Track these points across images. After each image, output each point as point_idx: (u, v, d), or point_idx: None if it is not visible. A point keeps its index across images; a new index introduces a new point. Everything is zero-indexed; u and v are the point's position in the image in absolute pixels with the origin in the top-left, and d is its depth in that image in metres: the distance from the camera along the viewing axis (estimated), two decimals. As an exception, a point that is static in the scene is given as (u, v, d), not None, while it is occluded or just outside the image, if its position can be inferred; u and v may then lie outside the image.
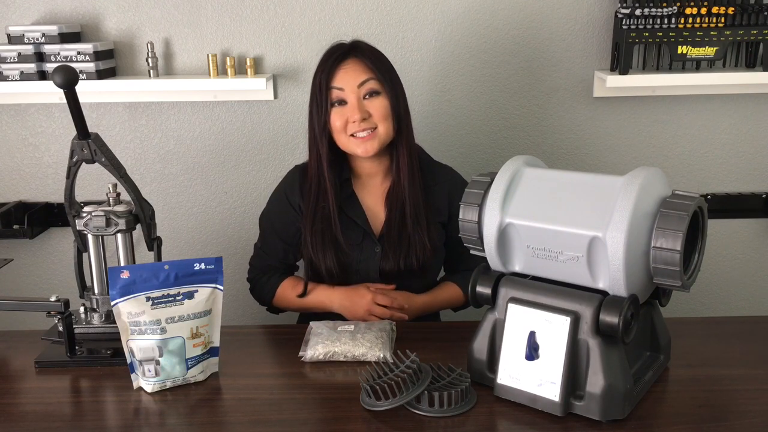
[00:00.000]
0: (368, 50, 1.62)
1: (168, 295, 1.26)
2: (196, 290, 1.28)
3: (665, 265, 1.09)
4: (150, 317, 1.24)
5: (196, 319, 1.28)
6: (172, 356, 1.26)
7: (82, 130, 1.34)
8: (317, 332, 1.39)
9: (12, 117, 2.15)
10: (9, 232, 2.12)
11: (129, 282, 1.24)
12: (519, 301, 1.18)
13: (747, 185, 2.20)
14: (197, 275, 1.28)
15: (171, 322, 1.25)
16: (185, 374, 1.28)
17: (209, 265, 1.29)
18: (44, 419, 1.18)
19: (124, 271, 1.24)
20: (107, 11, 2.07)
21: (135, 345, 1.25)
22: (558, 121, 2.15)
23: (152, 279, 1.25)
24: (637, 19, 1.94)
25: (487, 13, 2.06)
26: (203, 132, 2.15)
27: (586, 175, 1.20)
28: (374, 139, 1.58)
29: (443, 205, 1.65)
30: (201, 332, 1.28)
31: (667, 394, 1.22)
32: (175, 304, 1.26)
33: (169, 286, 1.26)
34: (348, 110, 1.57)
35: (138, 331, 1.25)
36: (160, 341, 1.25)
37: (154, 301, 1.25)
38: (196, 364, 1.29)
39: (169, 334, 1.25)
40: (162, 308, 1.25)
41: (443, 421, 1.14)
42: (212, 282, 1.29)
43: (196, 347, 1.28)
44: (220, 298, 1.31)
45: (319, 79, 1.60)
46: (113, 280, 1.23)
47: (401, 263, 1.60)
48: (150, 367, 1.25)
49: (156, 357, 1.25)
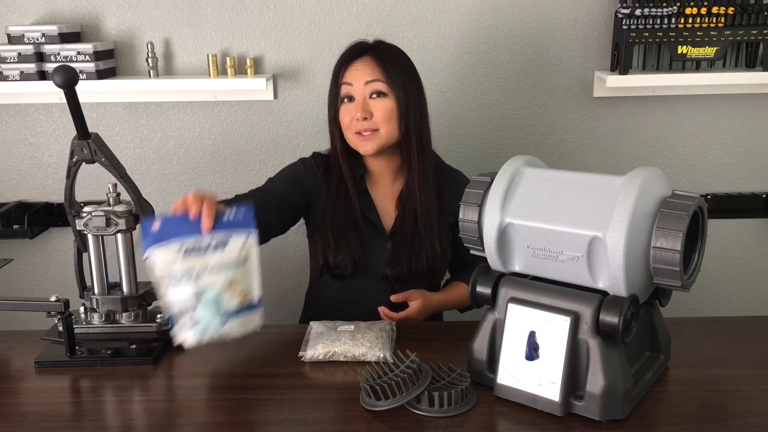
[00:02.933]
0: (385, 51, 1.62)
1: (200, 244, 1.21)
2: (229, 239, 1.23)
3: (665, 265, 1.09)
4: (184, 267, 1.20)
5: (232, 269, 1.23)
6: (208, 308, 1.22)
7: (82, 130, 1.34)
8: (317, 332, 1.39)
9: (12, 117, 2.15)
10: (9, 232, 2.12)
11: (161, 233, 1.20)
12: (519, 301, 1.18)
13: (747, 185, 2.20)
14: (227, 224, 1.24)
15: (205, 271, 1.21)
16: (223, 327, 1.24)
17: (240, 214, 1.25)
18: (44, 419, 1.18)
19: (155, 222, 1.20)
20: (107, 11, 2.07)
21: (171, 298, 1.22)
22: (558, 121, 2.15)
23: (184, 228, 1.21)
24: (637, 19, 1.94)
25: (487, 13, 2.06)
26: (203, 132, 2.15)
27: (586, 175, 1.20)
28: (374, 139, 1.58)
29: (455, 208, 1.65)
30: (236, 283, 1.24)
31: (667, 394, 1.22)
32: (208, 254, 1.22)
33: (199, 235, 1.22)
34: (353, 107, 1.58)
35: (173, 283, 1.21)
36: (195, 292, 1.21)
37: (188, 250, 1.21)
38: (235, 317, 1.25)
39: (204, 284, 1.21)
40: (195, 258, 1.21)
41: (443, 421, 1.14)
42: (243, 230, 1.25)
43: (232, 299, 1.24)
44: (255, 247, 1.26)
45: (334, 72, 1.63)
46: (145, 231, 1.20)
47: (412, 265, 1.60)
48: (187, 319, 1.22)
49: (192, 308, 1.21)
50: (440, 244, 1.62)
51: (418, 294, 1.58)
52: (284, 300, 2.28)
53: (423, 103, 1.64)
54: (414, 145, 1.61)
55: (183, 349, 1.40)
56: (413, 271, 1.60)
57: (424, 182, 1.62)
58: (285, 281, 2.28)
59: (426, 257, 1.60)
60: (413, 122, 1.61)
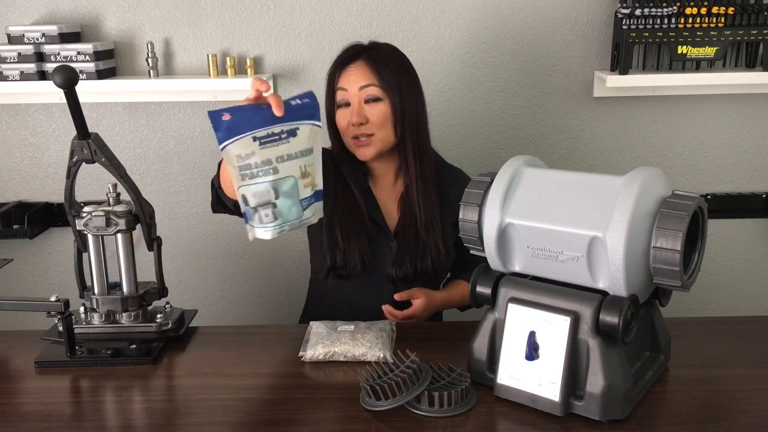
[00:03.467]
0: (380, 53, 1.60)
1: (273, 133, 1.18)
2: (298, 127, 1.21)
3: (665, 265, 1.09)
4: (260, 158, 1.17)
5: (303, 157, 1.21)
6: (287, 198, 1.19)
7: (82, 130, 1.34)
8: (317, 332, 1.39)
9: (12, 117, 2.15)
10: (9, 232, 2.12)
11: (232, 123, 1.16)
12: (519, 301, 1.18)
13: (747, 185, 2.20)
14: (295, 111, 1.21)
15: (281, 161, 1.18)
16: (301, 216, 1.22)
17: (304, 99, 1.22)
18: (44, 419, 1.18)
19: (225, 114, 1.16)
20: (107, 11, 2.07)
21: (248, 191, 1.19)
22: (558, 121, 2.15)
23: (255, 118, 1.17)
24: (637, 19, 1.94)
25: (487, 13, 2.06)
26: (203, 132, 2.15)
27: (586, 175, 1.20)
28: (370, 145, 1.58)
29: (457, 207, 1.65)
30: (308, 171, 1.22)
31: (667, 394, 1.22)
32: (281, 143, 1.19)
33: (270, 124, 1.18)
34: (349, 112, 1.58)
35: (249, 175, 1.18)
36: (273, 182, 1.18)
37: (262, 140, 1.17)
38: (309, 206, 1.23)
39: (281, 174, 1.18)
40: (270, 147, 1.18)
41: (443, 421, 1.14)
42: (310, 118, 1.22)
43: (306, 187, 1.22)
44: (319, 136, 1.24)
45: (329, 77, 1.63)
46: (217, 122, 1.15)
47: (417, 266, 1.59)
48: (267, 212, 1.19)
49: (272, 200, 1.19)
50: (444, 245, 1.61)
51: (421, 292, 1.58)
52: (284, 300, 2.29)
53: (420, 102, 1.63)
54: (411, 147, 1.61)
55: (183, 349, 1.41)
56: (418, 271, 1.60)
57: (423, 184, 1.62)
58: (285, 281, 2.28)
59: (431, 258, 1.60)
60: (409, 124, 1.59)
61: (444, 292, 1.67)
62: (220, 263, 2.26)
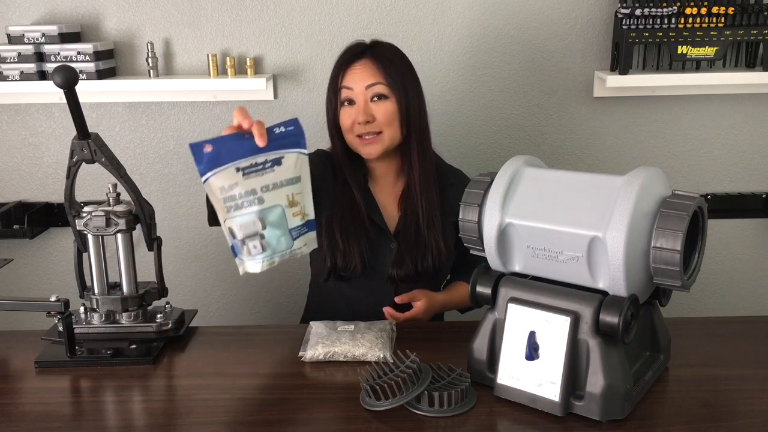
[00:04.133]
0: (384, 52, 1.61)
1: (256, 163, 1.17)
2: (283, 156, 1.19)
3: (665, 265, 1.09)
4: (244, 188, 1.16)
5: (290, 186, 1.20)
6: (275, 228, 1.18)
7: (82, 130, 1.34)
8: (317, 332, 1.39)
9: (12, 117, 2.15)
10: (9, 232, 2.12)
11: (214, 155, 1.15)
12: (519, 301, 1.18)
13: (747, 185, 2.20)
14: (279, 140, 1.19)
15: (266, 191, 1.17)
16: (291, 246, 1.21)
17: (289, 127, 1.20)
18: (44, 419, 1.18)
19: (206, 145, 1.15)
20: (107, 11, 2.07)
21: (234, 223, 1.17)
22: (558, 121, 2.15)
23: (237, 149, 1.16)
24: (637, 19, 1.94)
25: (487, 13, 2.06)
26: (203, 132, 2.15)
27: (586, 175, 1.20)
28: (378, 143, 1.58)
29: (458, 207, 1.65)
30: (296, 200, 1.21)
31: (667, 394, 1.22)
32: (266, 172, 1.17)
33: (253, 154, 1.17)
34: (355, 111, 1.58)
35: (234, 206, 1.17)
36: (259, 212, 1.17)
37: (245, 171, 1.16)
38: (299, 236, 1.22)
39: (267, 203, 1.17)
40: (254, 177, 1.16)
41: (443, 421, 1.14)
42: (295, 146, 1.20)
43: (295, 216, 1.21)
44: (306, 164, 1.23)
45: (332, 76, 1.61)
46: (198, 155, 1.14)
47: (418, 266, 1.59)
48: (255, 243, 1.18)
49: (259, 231, 1.17)
50: (445, 243, 1.61)
51: (422, 294, 1.58)
52: (284, 300, 2.29)
53: (423, 102, 1.64)
54: (414, 146, 1.61)
55: (183, 349, 1.40)
56: (419, 271, 1.59)
57: (425, 183, 1.62)
58: (284, 281, 2.28)
59: (431, 257, 1.59)
60: (414, 123, 1.60)
61: (444, 293, 1.67)
62: (220, 263, 2.26)
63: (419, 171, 1.61)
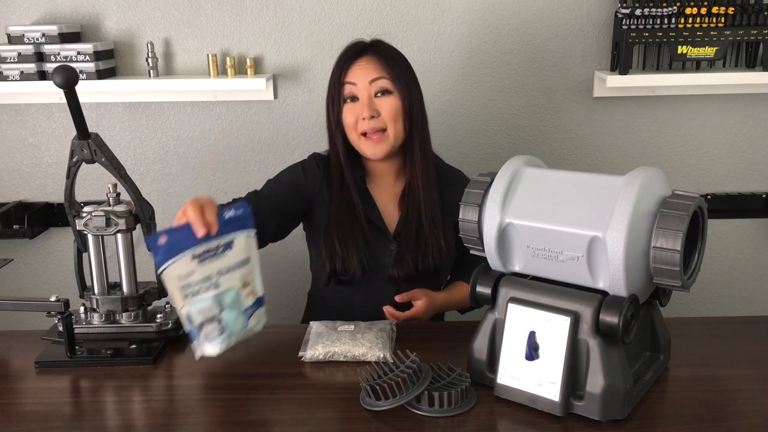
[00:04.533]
0: (386, 49, 1.61)
1: (210, 249, 1.22)
2: (233, 239, 1.25)
3: (665, 265, 1.09)
4: (200, 275, 1.21)
5: (242, 267, 1.25)
6: (231, 309, 1.23)
7: (82, 130, 1.34)
8: (317, 332, 1.39)
9: (12, 117, 2.15)
10: (9, 232, 2.12)
11: (169, 245, 1.20)
12: (519, 301, 1.18)
13: (747, 185, 2.20)
14: (230, 224, 1.25)
15: (221, 274, 1.23)
16: (246, 325, 1.26)
17: (238, 210, 1.27)
18: (44, 419, 1.18)
19: (161, 237, 1.20)
20: (107, 11, 2.07)
21: (193, 309, 1.22)
22: (558, 121, 2.15)
23: (191, 237, 1.21)
24: (637, 19, 1.94)
25: (487, 13, 2.06)
26: (203, 132, 2.16)
27: (586, 175, 1.20)
28: (384, 141, 1.57)
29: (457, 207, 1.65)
30: (248, 281, 1.26)
31: (667, 394, 1.22)
32: (219, 257, 1.23)
33: (207, 240, 1.22)
34: (358, 107, 1.57)
35: (192, 293, 1.21)
36: (216, 296, 1.22)
37: (200, 258, 1.21)
38: (253, 314, 1.27)
39: (223, 287, 1.22)
40: (209, 263, 1.22)
41: (443, 421, 1.14)
42: (243, 228, 1.27)
43: (248, 296, 1.26)
44: (254, 244, 1.29)
45: (334, 73, 1.61)
46: (154, 247, 1.19)
47: (419, 264, 1.59)
48: (213, 327, 1.22)
49: (216, 314, 1.22)
50: (446, 243, 1.61)
51: (422, 293, 1.58)
52: (284, 300, 2.28)
53: (423, 104, 1.64)
54: (417, 144, 1.61)
55: (183, 349, 1.40)
56: (420, 270, 1.59)
57: (427, 182, 1.62)
58: (285, 281, 2.28)
59: (432, 256, 1.59)
60: (416, 121, 1.60)
61: (445, 293, 1.67)
62: (220, 263, 2.26)
63: (421, 169, 1.61)
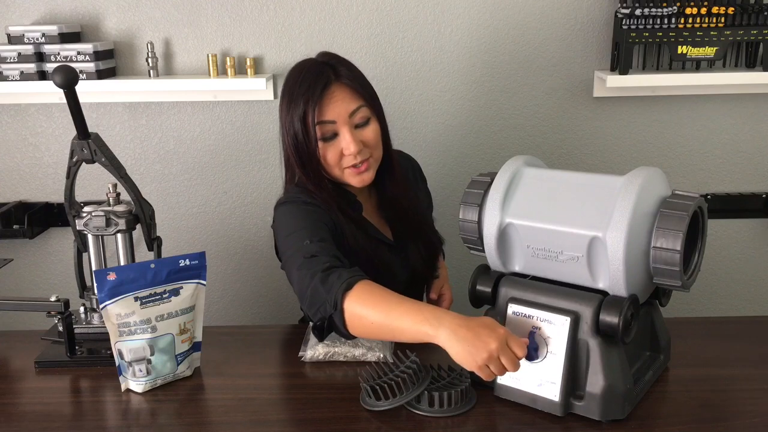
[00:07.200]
0: (348, 71, 1.45)
1: (155, 293, 1.26)
2: (182, 287, 1.29)
3: (665, 265, 1.09)
4: (140, 317, 1.25)
5: (183, 315, 1.29)
6: (163, 353, 1.27)
7: (82, 130, 1.34)
8: (317, 332, 1.39)
9: (12, 117, 2.15)
10: (9, 232, 2.12)
11: (116, 283, 1.24)
12: (519, 301, 1.18)
13: (747, 185, 2.20)
14: (182, 272, 1.29)
15: (161, 320, 1.26)
16: (175, 370, 1.29)
17: (193, 261, 1.30)
18: (44, 419, 1.18)
19: (110, 273, 1.24)
20: (107, 11, 2.07)
21: (124, 346, 1.26)
22: (558, 121, 2.15)
23: (139, 279, 1.25)
24: (637, 19, 1.94)
25: (487, 14, 2.06)
26: (203, 132, 2.15)
27: (586, 175, 1.20)
28: (370, 168, 1.46)
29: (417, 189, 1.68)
30: (187, 328, 1.30)
31: (667, 394, 1.22)
32: (162, 302, 1.27)
33: (155, 285, 1.26)
34: (342, 142, 1.41)
35: (127, 332, 1.25)
36: (150, 340, 1.25)
37: (143, 300, 1.25)
38: (185, 359, 1.31)
39: (159, 332, 1.26)
40: (151, 307, 1.26)
41: (443, 421, 1.14)
42: (196, 278, 1.31)
43: (183, 343, 1.30)
44: (203, 294, 1.33)
45: (299, 114, 1.40)
46: (100, 282, 1.23)
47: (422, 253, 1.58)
48: (141, 367, 1.26)
49: (147, 356, 1.26)
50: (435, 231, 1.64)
51: (442, 282, 1.66)
52: (284, 300, 2.28)
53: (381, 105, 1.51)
54: (391, 154, 1.54)
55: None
56: (427, 265, 1.60)
57: (403, 181, 1.58)
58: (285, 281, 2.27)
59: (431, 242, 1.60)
60: (386, 132, 1.52)
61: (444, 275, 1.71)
62: (220, 263, 2.26)
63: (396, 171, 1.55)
